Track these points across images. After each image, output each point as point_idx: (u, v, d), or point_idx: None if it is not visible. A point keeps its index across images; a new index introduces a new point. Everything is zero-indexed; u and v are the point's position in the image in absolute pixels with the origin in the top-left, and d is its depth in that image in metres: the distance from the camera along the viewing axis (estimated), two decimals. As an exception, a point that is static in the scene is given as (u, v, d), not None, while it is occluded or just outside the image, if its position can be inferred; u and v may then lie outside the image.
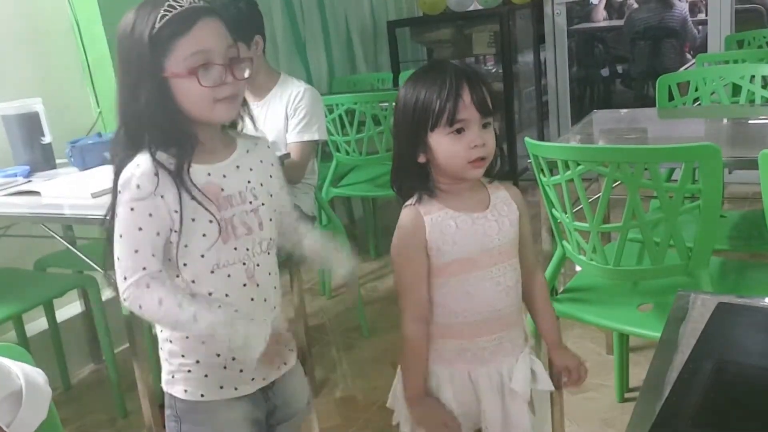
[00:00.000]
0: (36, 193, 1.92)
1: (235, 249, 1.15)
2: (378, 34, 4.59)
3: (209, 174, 1.13)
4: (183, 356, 1.18)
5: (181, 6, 1.07)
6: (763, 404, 0.71)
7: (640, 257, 1.74)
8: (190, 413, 1.21)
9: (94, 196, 1.79)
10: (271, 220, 1.20)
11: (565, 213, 1.62)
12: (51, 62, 2.62)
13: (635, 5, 5.52)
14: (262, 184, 1.20)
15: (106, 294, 2.34)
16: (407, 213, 1.20)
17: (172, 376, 1.21)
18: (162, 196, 1.08)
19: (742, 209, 2.69)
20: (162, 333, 1.20)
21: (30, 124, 2.24)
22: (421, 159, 1.17)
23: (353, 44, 4.35)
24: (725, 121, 2.18)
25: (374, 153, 2.91)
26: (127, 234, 1.09)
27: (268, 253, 1.20)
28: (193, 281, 1.13)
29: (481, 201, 1.21)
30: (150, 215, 1.08)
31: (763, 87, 2.36)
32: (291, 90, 2.31)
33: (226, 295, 1.15)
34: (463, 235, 1.17)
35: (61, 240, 1.93)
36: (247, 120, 1.23)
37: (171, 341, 1.19)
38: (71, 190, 1.90)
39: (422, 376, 1.23)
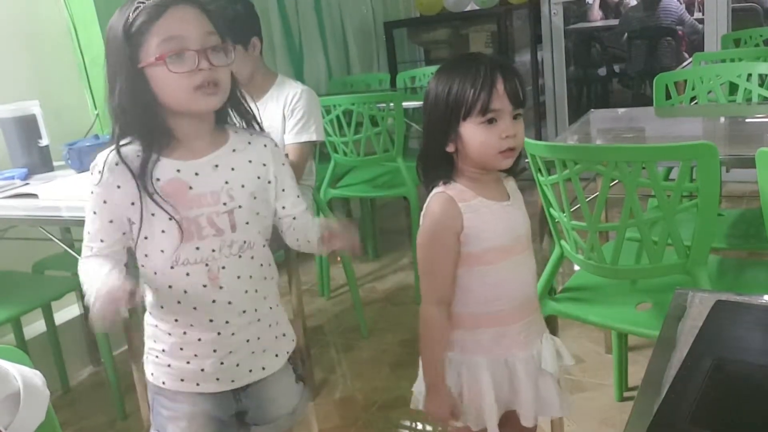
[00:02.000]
0: (33, 195, 1.92)
1: (197, 249, 1.13)
2: (375, 35, 4.60)
3: (178, 170, 1.12)
4: (154, 341, 1.22)
5: None
6: (761, 401, 0.71)
7: (638, 256, 1.74)
8: (156, 395, 1.24)
9: (92, 198, 1.79)
10: (248, 223, 1.17)
11: (563, 212, 1.62)
12: (48, 64, 2.62)
13: (631, 4, 5.53)
14: (243, 186, 1.17)
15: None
16: (440, 199, 1.20)
17: (146, 357, 1.24)
18: (119, 186, 1.10)
19: (740, 208, 2.70)
20: (146, 314, 1.23)
21: (27, 126, 2.24)
22: (450, 148, 1.18)
23: (350, 45, 4.35)
24: (722, 119, 2.18)
25: (372, 154, 2.91)
26: (87, 214, 1.14)
27: (240, 257, 1.17)
28: (155, 273, 1.15)
29: (503, 191, 1.24)
30: (104, 202, 1.12)
31: (760, 85, 2.37)
32: (288, 91, 2.31)
33: (185, 292, 1.15)
34: (498, 223, 1.20)
35: (59, 242, 1.92)
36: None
37: (148, 324, 1.22)
38: (69, 193, 1.90)
39: (440, 361, 1.24)
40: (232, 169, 1.16)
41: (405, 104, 2.96)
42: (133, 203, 1.11)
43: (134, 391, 1.76)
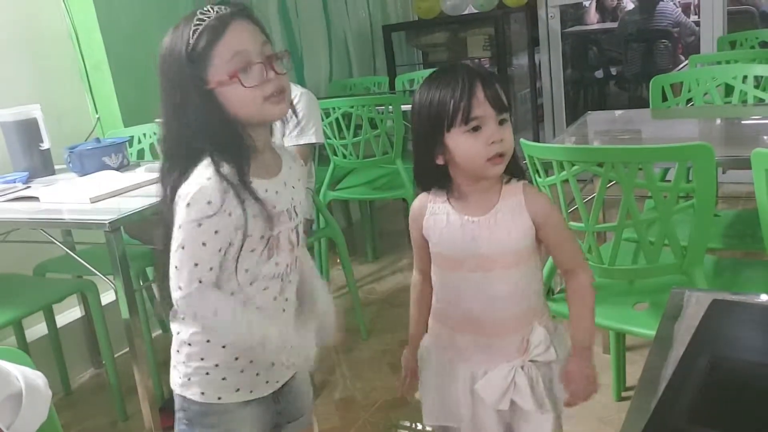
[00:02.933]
0: (35, 198, 1.93)
1: (277, 264, 1.16)
2: (374, 39, 4.61)
3: (266, 190, 1.13)
4: (202, 359, 1.18)
5: (209, 17, 1.07)
6: (757, 399, 0.71)
7: (635, 256, 1.75)
8: (204, 416, 1.20)
9: (93, 201, 1.80)
10: (300, 237, 1.22)
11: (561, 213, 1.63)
12: (49, 68, 2.63)
13: (628, 7, 5.55)
14: (300, 202, 1.21)
15: (106, 298, 2.34)
16: (419, 197, 1.27)
17: (189, 379, 1.19)
18: (230, 214, 1.07)
19: (736, 208, 2.71)
20: (179, 335, 1.19)
21: (29, 130, 2.25)
22: (440, 161, 1.17)
23: (349, 49, 4.37)
24: (718, 121, 2.20)
25: (371, 156, 2.92)
26: (190, 247, 1.07)
27: (297, 271, 1.23)
28: (232, 293, 1.13)
29: (484, 205, 1.18)
30: (216, 232, 1.07)
31: (756, 87, 2.38)
32: (287, 94, 2.32)
33: (258, 307, 1.16)
34: (449, 233, 1.19)
35: (60, 245, 1.93)
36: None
37: (190, 344, 1.18)
38: (70, 196, 1.91)
39: (418, 323, 1.34)
40: (293, 187, 1.20)
41: (404, 107, 2.96)
42: (237, 228, 1.09)
43: (135, 393, 1.77)
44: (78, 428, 2.30)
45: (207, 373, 1.18)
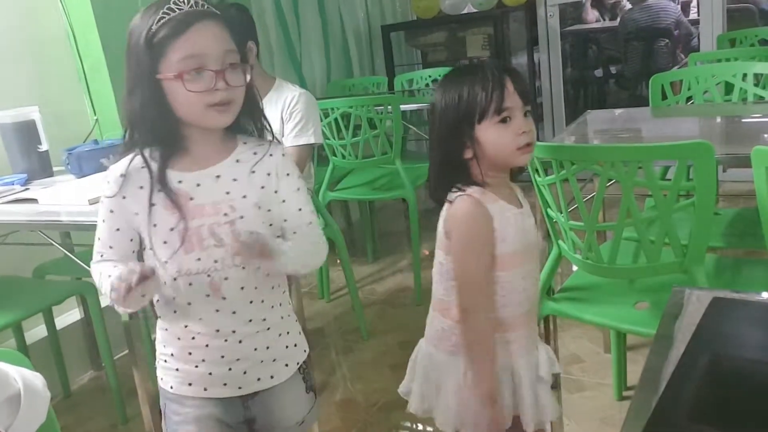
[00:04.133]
0: (33, 200, 1.92)
1: (199, 260, 1.13)
2: (372, 39, 4.61)
3: (180, 181, 1.13)
4: (164, 346, 1.23)
5: (180, 9, 1.06)
6: (757, 397, 0.71)
7: (635, 255, 1.75)
8: (168, 401, 1.25)
9: (92, 202, 1.79)
10: (251, 233, 1.13)
11: (561, 212, 1.63)
12: (47, 70, 2.63)
13: (628, 6, 5.55)
14: (245, 196, 1.15)
15: (105, 300, 2.34)
16: (465, 202, 1.18)
17: (158, 361, 1.26)
18: (124, 197, 1.13)
19: (737, 207, 2.71)
20: (158, 320, 1.24)
21: (27, 132, 2.25)
22: (468, 155, 1.19)
23: (348, 49, 4.37)
24: (718, 119, 2.19)
25: (370, 156, 2.92)
26: (98, 220, 1.18)
27: (243, 268, 1.15)
28: (165, 282, 1.16)
29: (515, 198, 1.25)
30: (111, 211, 1.16)
31: (756, 85, 2.38)
32: (286, 95, 2.32)
33: (189, 303, 1.16)
34: (516, 228, 1.21)
35: (59, 247, 1.93)
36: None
37: (159, 328, 1.24)
38: (68, 197, 1.90)
39: (494, 372, 1.22)
40: (234, 179, 1.16)
41: (403, 107, 2.97)
42: (137, 213, 1.13)
43: (135, 396, 1.77)
44: (78, 431, 2.29)
45: (165, 360, 1.23)
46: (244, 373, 1.20)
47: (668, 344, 0.86)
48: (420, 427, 2.10)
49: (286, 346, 1.26)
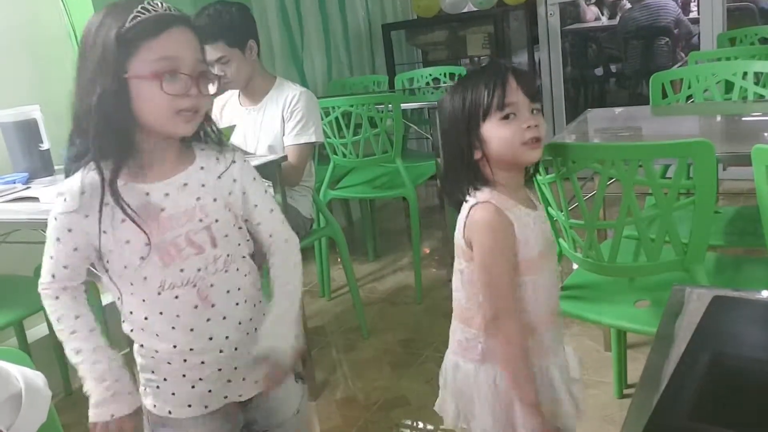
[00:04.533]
0: (35, 199, 1.92)
1: (182, 271, 1.11)
2: (373, 37, 4.60)
3: (147, 194, 1.09)
4: (153, 372, 1.18)
5: (155, 10, 1.04)
6: (758, 396, 0.71)
7: (636, 254, 1.75)
8: (161, 426, 1.20)
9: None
10: (227, 236, 1.15)
11: (561, 211, 1.63)
12: (48, 69, 2.63)
13: (628, 5, 5.54)
14: (215, 200, 1.14)
15: (106, 298, 2.34)
16: (485, 209, 1.17)
17: (144, 389, 1.20)
18: (87, 216, 1.07)
19: (737, 205, 2.71)
20: (134, 345, 1.19)
21: (28, 130, 2.25)
22: (477, 155, 1.18)
23: (349, 47, 4.36)
24: (718, 117, 2.19)
25: (371, 155, 2.92)
26: (48, 240, 1.12)
27: (226, 271, 1.14)
28: (144, 300, 1.12)
29: (530, 200, 1.24)
30: (69, 230, 1.09)
31: (756, 83, 2.38)
32: (287, 93, 2.32)
33: (177, 316, 1.12)
34: (536, 232, 1.19)
35: (60, 246, 1.93)
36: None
37: (141, 355, 1.18)
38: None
39: (533, 379, 1.19)
40: (203, 185, 1.14)
41: (403, 106, 2.96)
42: (104, 231, 1.08)
43: (137, 393, 1.77)
44: (79, 429, 2.27)
45: (157, 387, 1.18)
46: (243, 379, 1.19)
47: (669, 343, 0.86)
48: (421, 425, 2.10)
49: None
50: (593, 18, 5.87)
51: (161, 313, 1.12)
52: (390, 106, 2.80)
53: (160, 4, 1.05)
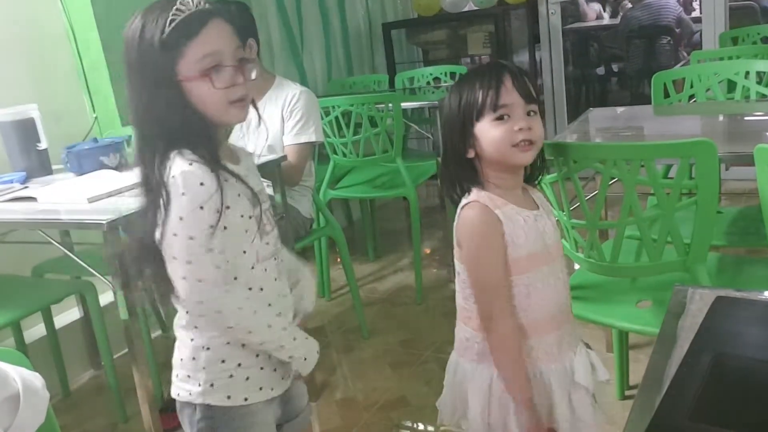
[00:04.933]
0: (32, 199, 1.91)
1: (267, 244, 1.17)
2: (373, 36, 4.60)
3: (240, 172, 1.15)
4: (224, 362, 1.16)
5: (189, 9, 1.06)
6: (761, 397, 0.71)
7: (637, 254, 1.74)
8: (230, 421, 1.18)
9: (91, 201, 1.79)
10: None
11: (563, 211, 1.62)
12: (46, 68, 2.62)
13: (629, 4, 5.54)
14: (266, 185, 1.25)
15: (104, 299, 2.33)
16: (474, 209, 1.18)
17: (211, 385, 1.16)
18: (228, 207, 1.08)
19: (739, 205, 2.70)
20: (193, 342, 1.16)
21: (26, 130, 2.24)
22: (470, 154, 1.19)
23: (349, 46, 4.36)
24: (721, 117, 2.18)
25: (371, 154, 2.91)
26: (200, 235, 1.06)
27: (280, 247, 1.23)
28: (235, 278, 1.12)
29: (530, 200, 1.24)
30: (217, 211, 1.07)
31: (758, 83, 2.37)
32: (287, 93, 2.31)
33: (261, 289, 1.16)
34: (529, 231, 1.18)
35: (58, 246, 1.92)
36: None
37: (209, 348, 1.16)
38: (68, 196, 1.90)
39: (527, 378, 1.20)
40: (255, 174, 1.22)
41: (403, 105, 2.96)
42: (228, 207, 1.08)
43: (135, 395, 1.76)
44: (78, 430, 2.29)
45: (231, 376, 1.17)
46: (290, 358, 1.20)
47: (671, 343, 0.86)
48: (421, 426, 2.09)
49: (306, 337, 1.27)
50: (595, 17, 5.87)
51: (249, 288, 1.15)
52: (390, 105, 2.79)
53: (191, 1, 1.07)
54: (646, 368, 0.81)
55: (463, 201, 1.21)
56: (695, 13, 5.02)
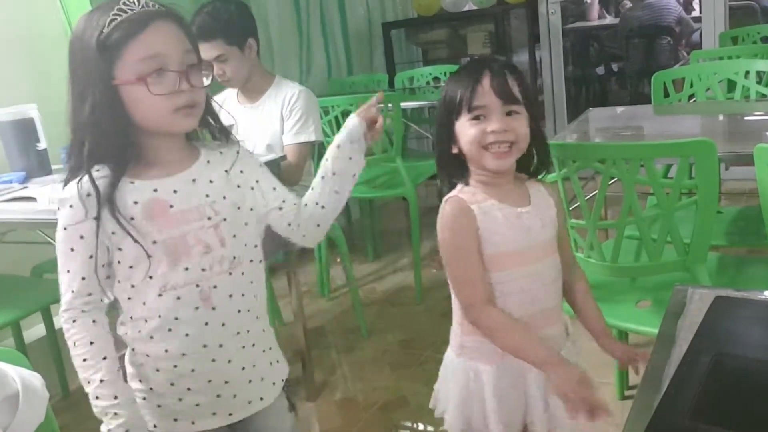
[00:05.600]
0: (32, 199, 1.91)
1: (187, 269, 1.07)
2: (373, 36, 4.60)
3: (155, 190, 1.07)
4: (139, 381, 1.14)
5: (132, 9, 1.00)
6: (760, 396, 0.71)
7: (637, 254, 1.74)
8: None
9: (91, 200, 1.78)
10: (235, 236, 1.12)
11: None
12: (45, 68, 2.62)
13: (629, 4, 5.54)
14: (225, 197, 1.11)
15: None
16: (451, 203, 1.18)
17: (133, 402, 1.15)
18: (95, 218, 1.04)
19: (739, 205, 2.70)
20: (126, 353, 1.15)
21: (25, 130, 2.24)
22: (454, 150, 1.19)
23: (349, 46, 4.36)
24: (721, 117, 2.18)
25: (370, 154, 2.91)
26: (61, 255, 1.09)
27: (230, 273, 1.11)
28: (144, 303, 1.09)
29: (522, 196, 1.21)
30: (81, 237, 1.05)
31: (758, 82, 2.37)
32: (286, 92, 2.31)
33: (176, 318, 1.09)
34: (510, 228, 1.17)
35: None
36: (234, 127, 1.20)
37: (130, 363, 1.14)
38: (67, 196, 1.89)
39: (536, 340, 1.15)
40: (211, 181, 1.11)
41: (403, 105, 2.96)
42: (113, 232, 1.05)
43: (134, 394, 1.76)
44: (77, 430, 2.28)
45: (144, 398, 1.14)
46: (234, 396, 1.14)
47: (670, 343, 0.86)
48: (420, 426, 2.09)
49: (270, 363, 1.21)
50: (595, 16, 5.87)
51: (160, 316, 1.09)
52: (390, 105, 2.78)
53: (136, 2, 1.02)
54: (645, 368, 0.81)
55: (446, 196, 1.21)
56: (695, 13, 5.02)
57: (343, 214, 4.03)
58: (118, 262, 1.08)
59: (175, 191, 1.08)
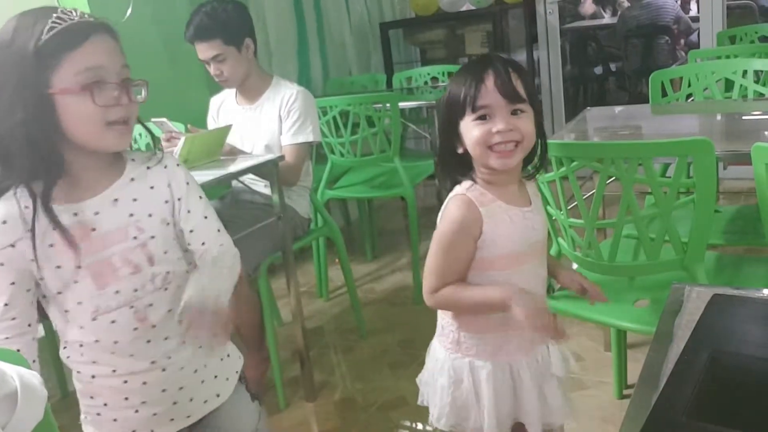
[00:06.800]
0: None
1: (117, 292, 1.06)
2: (371, 36, 4.60)
3: (75, 214, 1.03)
4: (91, 398, 1.13)
5: (71, 19, 0.99)
6: (757, 394, 0.71)
7: (635, 253, 1.74)
8: None
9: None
10: (166, 252, 1.10)
11: (560, 210, 1.62)
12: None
13: (627, 3, 5.54)
14: (151, 214, 1.09)
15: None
16: (459, 202, 1.17)
17: (85, 417, 1.15)
18: (13, 245, 1.00)
19: (737, 204, 2.70)
20: (73, 372, 1.13)
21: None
22: (460, 150, 1.18)
23: (346, 46, 4.36)
24: (718, 116, 2.18)
25: (369, 154, 2.91)
26: None
27: (165, 289, 1.10)
28: (81, 327, 1.07)
29: (524, 195, 1.23)
30: (2, 264, 1.02)
31: (756, 82, 2.37)
32: (284, 93, 2.31)
33: (115, 342, 1.07)
34: (516, 230, 1.18)
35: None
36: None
37: (78, 380, 1.13)
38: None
39: (488, 289, 1.17)
40: (134, 199, 1.08)
41: (401, 105, 2.96)
42: (32, 259, 1.01)
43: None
44: (76, 430, 2.28)
45: (98, 414, 1.12)
46: (191, 400, 1.14)
47: (668, 341, 0.86)
48: (420, 426, 2.09)
49: (221, 359, 1.21)
50: (588, 11, 5.87)
51: (97, 341, 1.07)
52: (388, 105, 2.79)
53: (74, 12, 1.00)
54: (643, 366, 0.81)
55: (453, 192, 1.20)
56: (693, 12, 5.02)
57: (342, 214, 4.03)
58: (46, 287, 1.05)
59: (96, 213, 1.05)
